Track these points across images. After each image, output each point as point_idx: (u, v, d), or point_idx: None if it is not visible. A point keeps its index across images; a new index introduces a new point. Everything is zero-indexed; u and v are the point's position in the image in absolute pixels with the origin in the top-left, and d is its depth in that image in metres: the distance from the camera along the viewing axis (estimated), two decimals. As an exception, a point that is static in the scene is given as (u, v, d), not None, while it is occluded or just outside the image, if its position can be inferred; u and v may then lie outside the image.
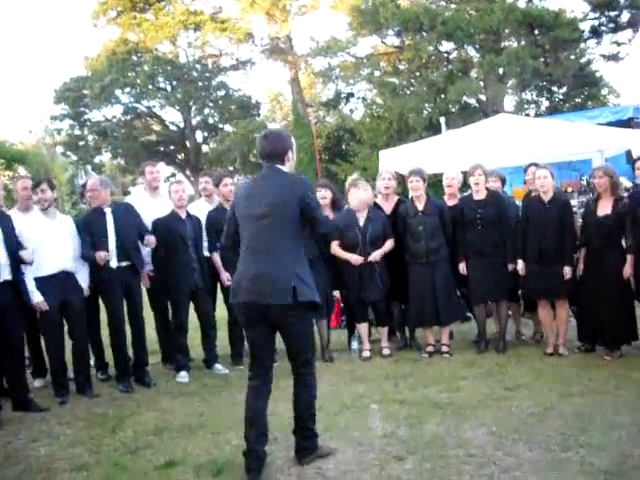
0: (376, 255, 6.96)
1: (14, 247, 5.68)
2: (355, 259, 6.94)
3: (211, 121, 36.31)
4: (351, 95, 30.29)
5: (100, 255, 6.21)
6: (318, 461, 4.24)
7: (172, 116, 36.42)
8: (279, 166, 4.19)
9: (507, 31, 22.07)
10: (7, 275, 5.58)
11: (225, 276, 6.92)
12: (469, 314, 7.90)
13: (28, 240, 5.94)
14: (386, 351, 7.12)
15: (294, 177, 4.25)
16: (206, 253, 7.00)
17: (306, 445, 4.27)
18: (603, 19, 22.92)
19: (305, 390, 4.25)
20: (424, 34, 22.49)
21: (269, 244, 4.07)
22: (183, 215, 6.76)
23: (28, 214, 6.23)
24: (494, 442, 4.41)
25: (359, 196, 6.72)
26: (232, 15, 34.02)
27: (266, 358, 4.24)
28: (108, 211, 6.45)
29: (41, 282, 5.96)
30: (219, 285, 7.23)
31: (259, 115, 36.25)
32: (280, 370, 6.50)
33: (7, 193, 10.58)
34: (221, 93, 35.72)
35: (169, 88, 34.79)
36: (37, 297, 5.94)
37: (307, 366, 4.26)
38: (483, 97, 22.96)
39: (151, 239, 6.55)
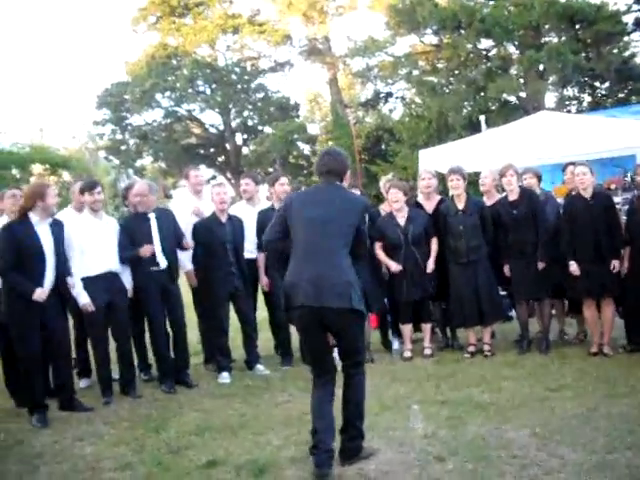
0: (430, 265, 6.97)
1: (62, 256, 5.79)
2: (395, 268, 6.94)
3: (250, 123, 36.51)
4: (390, 95, 30.16)
5: (147, 249, 6.29)
6: (360, 462, 4.23)
7: (212, 119, 36.75)
8: (337, 182, 4.34)
9: (547, 26, 21.74)
10: (51, 282, 5.69)
11: (265, 281, 6.96)
12: (511, 313, 7.81)
13: (78, 240, 6.07)
14: (427, 351, 7.09)
15: (354, 194, 4.49)
16: (250, 255, 7.05)
17: (351, 446, 4.27)
18: (647, 11, 22.45)
19: (356, 390, 4.28)
20: (462, 32, 22.28)
21: (331, 249, 4.14)
22: (224, 218, 6.81)
23: (80, 214, 6.43)
24: (537, 443, 4.36)
25: None
26: (270, 17, 34.19)
27: (326, 361, 4.29)
28: (152, 216, 6.51)
29: (88, 282, 6.07)
30: (260, 286, 7.27)
31: (298, 116, 36.34)
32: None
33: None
34: (260, 95, 35.90)
35: (208, 91, 35.08)
36: (84, 298, 6.05)
37: (358, 367, 4.31)
38: (523, 94, 22.64)
39: (188, 243, 6.67)
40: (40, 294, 5.49)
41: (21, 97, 72.90)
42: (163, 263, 6.46)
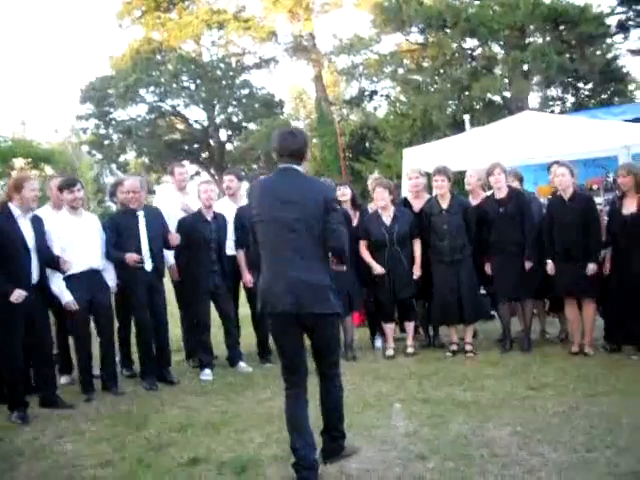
0: (416, 272, 7.01)
1: (43, 250, 5.74)
2: (379, 270, 6.95)
3: (235, 119, 36.40)
4: (375, 93, 30.16)
5: (133, 258, 6.27)
6: (341, 460, 4.23)
7: (196, 115, 36.68)
8: (296, 167, 4.08)
9: (532, 27, 21.83)
10: (36, 278, 5.65)
11: (248, 278, 6.96)
12: (493, 312, 7.85)
13: (57, 239, 6.02)
14: (410, 349, 7.11)
15: (315, 180, 4.27)
16: (232, 252, 7.04)
17: (333, 446, 4.24)
18: (631, 13, 22.55)
19: (333, 391, 4.22)
20: (448, 31, 22.34)
21: (302, 250, 3.96)
22: (209, 216, 6.79)
23: (58, 212, 6.38)
24: (518, 442, 4.38)
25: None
26: (255, 14, 34.09)
27: (301, 365, 4.12)
28: (141, 214, 6.48)
29: (70, 280, 6.03)
30: (242, 283, 7.26)
31: (283, 113, 36.28)
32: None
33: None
34: (245, 91, 35.80)
35: (193, 87, 34.95)
36: (67, 297, 6.01)
37: (334, 367, 4.24)
38: (507, 94, 22.73)
39: (174, 237, 6.60)
40: (18, 296, 5.42)
41: (3, 90, 72.19)
42: (149, 265, 6.44)
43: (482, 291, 7.40)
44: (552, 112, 21.76)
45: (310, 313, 3.95)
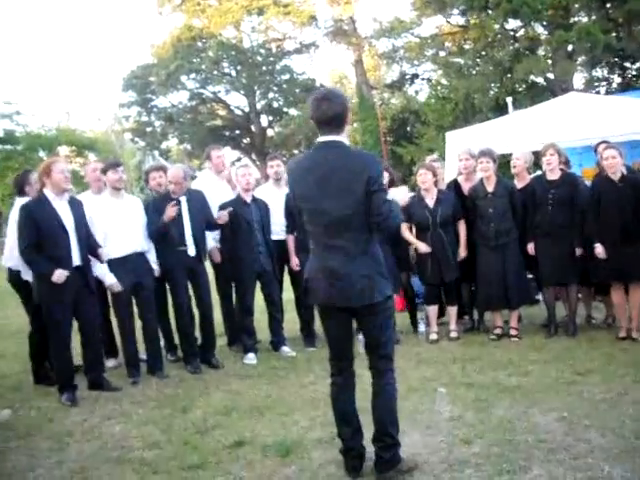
0: (462, 252, 6.97)
1: (84, 234, 5.80)
2: (424, 249, 6.91)
3: (276, 105, 36.43)
4: (416, 76, 29.92)
5: (173, 209, 6.26)
6: (397, 475, 3.82)
7: (237, 101, 36.76)
8: (337, 138, 3.69)
9: (577, 5, 21.40)
10: (78, 261, 5.71)
11: (295, 261, 6.97)
12: (538, 297, 7.76)
13: (100, 222, 6.10)
14: (454, 334, 7.06)
15: (358, 154, 3.82)
16: (277, 237, 7.09)
17: (387, 457, 3.80)
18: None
19: (385, 389, 3.85)
20: (490, 12, 22.01)
21: (342, 239, 3.67)
22: (249, 199, 6.81)
23: (100, 196, 6.45)
24: (564, 428, 4.33)
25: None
26: (295, -2, 33.97)
27: (348, 350, 3.93)
28: (183, 199, 6.50)
29: (114, 264, 6.10)
30: (287, 267, 7.29)
31: (323, 98, 36.14)
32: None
33: (78, 179, 10.95)
34: (285, 77, 35.77)
35: (234, 73, 35.03)
36: (110, 279, 6.09)
37: (386, 361, 3.86)
38: (551, 75, 22.34)
39: (223, 214, 6.59)
40: (59, 276, 5.48)
41: (48, 81, 73.30)
42: (192, 250, 6.46)
43: (529, 275, 7.30)
44: (597, 93, 21.35)
45: (349, 306, 3.75)
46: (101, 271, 6.07)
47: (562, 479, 3.62)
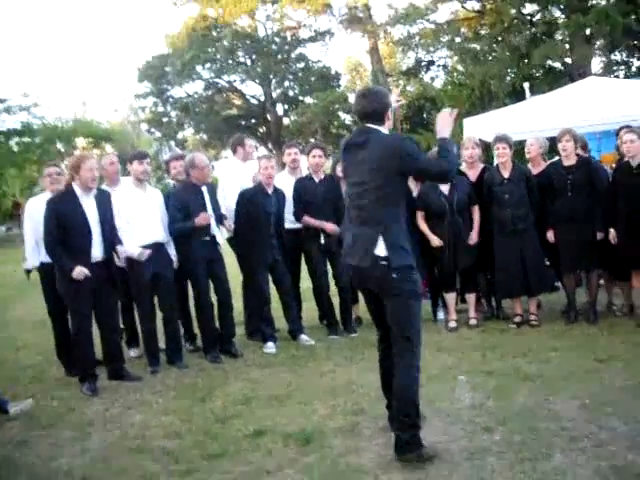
0: (474, 237, 6.92)
1: (108, 229, 5.85)
2: (436, 242, 6.88)
3: (291, 93, 36.40)
4: (432, 63, 29.79)
5: (204, 217, 6.32)
6: (418, 461, 3.81)
7: (252, 90, 36.76)
8: (376, 127, 3.96)
9: (595, -12, 21.20)
10: (99, 256, 5.76)
11: (329, 227, 6.91)
12: (557, 284, 7.70)
13: (122, 212, 6.13)
14: (473, 321, 7.03)
15: (394, 137, 4.04)
16: (292, 225, 7.09)
17: (404, 437, 3.83)
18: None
19: (397, 374, 3.90)
20: (506, -4, 21.85)
21: (363, 210, 3.92)
22: (270, 190, 6.81)
23: (117, 188, 6.48)
24: (586, 415, 4.30)
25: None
26: (310, -14, 33.82)
27: (380, 323, 4.10)
28: (204, 189, 6.55)
29: (135, 253, 6.14)
30: (304, 256, 7.28)
31: (339, 86, 36.09)
32: (362, 340, 6.60)
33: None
34: (300, 65, 35.72)
35: (249, 62, 35.01)
36: (135, 249, 6.11)
37: (403, 345, 3.89)
38: (569, 60, 22.13)
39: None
40: (79, 272, 5.55)
41: (64, 72, 73.65)
42: (219, 237, 6.59)
43: (546, 262, 7.24)
44: (616, 77, 21.11)
45: (358, 267, 3.93)
46: (125, 252, 6.10)
47: (584, 467, 3.60)
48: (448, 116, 4.07)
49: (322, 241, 7.00)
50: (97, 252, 5.74)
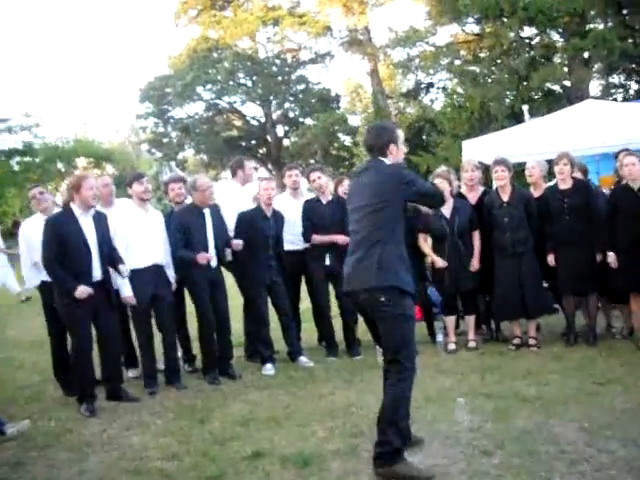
0: (475, 264, 6.94)
1: (106, 249, 5.85)
2: (440, 264, 6.90)
3: (291, 115, 36.56)
4: (431, 85, 29.90)
5: (205, 257, 6.33)
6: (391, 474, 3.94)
7: (253, 111, 36.91)
8: (381, 158, 4.21)
9: (592, 12, 21.30)
10: (98, 276, 5.77)
11: (340, 238, 6.76)
12: (557, 306, 7.70)
13: (123, 233, 6.13)
14: (472, 344, 7.02)
15: (388, 166, 4.19)
16: (292, 247, 7.11)
17: (376, 450, 4.03)
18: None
19: (387, 393, 4.07)
20: (505, 20, 21.96)
21: (362, 235, 4.14)
22: (269, 213, 6.83)
23: (111, 209, 6.50)
24: (586, 438, 4.29)
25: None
26: (310, 9, 34.10)
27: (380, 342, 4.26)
28: (207, 212, 6.56)
29: (134, 274, 6.10)
30: (304, 278, 7.29)
31: (339, 108, 36.24)
32: (361, 362, 6.59)
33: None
34: (301, 87, 35.90)
35: (249, 83, 35.20)
36: (126, 291, 6.12)
37: (394, 366, 4.06)
38: (567, 83, 22.25)
39: (237, 243, 6.63)
40: (82, 292, 5.55)
41: (66, 92, 74.08)
42: (214, 262, 6.52)
43: (544, 284, 7.25)
44: (614, 100, 21.21)
45: (354, 291, 4.16)
46: (119, 283, 6.11)
47: (584, 491, 3.59)
48: None
49: (327, 262, 6.98)
50: (96, 272, 5.74)
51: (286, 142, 37.33)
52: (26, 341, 9.19)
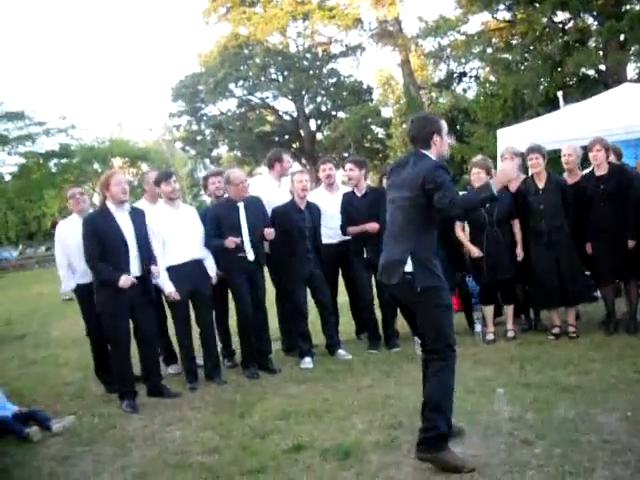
0: (519, 253, 6.87)
1: (144, 244, 5.91)
2: (477, 253, 6.86)
3: (324, 109, 36.59)
4: (463, 74, 29.69)
5: (232, 241, 6.32)
6: (433, 463, 3.94)
7: (285, 106, 37.22)
8: (423, 150, 4.17)
9: (629, -7, 20.95)
10: (137, 271, 5.83)
11: (370, 226, 6.83)
12: (596, 293, 7.60)
13: (157, 232, 6.18)
14: (511, 333, 6.96)
15: (424, 161, 4.10)
16: (329, 240, 7.13)
17: (419, 437, 4.01)
18: None
19: (431, 379, 4.10)
20: (537, 5, 21.67)
21: (395, 227, 4.18)
22: (303, 205, 6.84)
23: (155, 206, 6.56)
24: (629, 428, 4.22)
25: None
26: (339, 2, 34.09)
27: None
28: (241, 205, 6.56)
29: (172, 271, 6.19)
30: (343, 270, 7.32)
31: (371, 100, 36.20)
32: (399, 354, 6.58)
33: (131, 189, 11.17)
34: (332, 80, 35.90)
35: (281, 78, 35.31)
36: (169, 287, 6.17)
37: (433, 355, 4.11)
38: (603, 67, 21.89)
39: (270, 232, 6.63)
40: (125, 281, 5.62)
41: (101, 94, 75.02)
42: (251, 255, 6.52)
43: (586, 272, 7.15)
44: (653, 83, 20.81)
45: (389, 285, 4.21)
46: (160, 280, 6.16)
47: (628, 481, 3.54)
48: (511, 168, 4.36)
49: (365, 255, 6.98)
50: (134, 268, 5.81)
51: (319, 136, 37.40)
52: (69, 339, 9.38)
